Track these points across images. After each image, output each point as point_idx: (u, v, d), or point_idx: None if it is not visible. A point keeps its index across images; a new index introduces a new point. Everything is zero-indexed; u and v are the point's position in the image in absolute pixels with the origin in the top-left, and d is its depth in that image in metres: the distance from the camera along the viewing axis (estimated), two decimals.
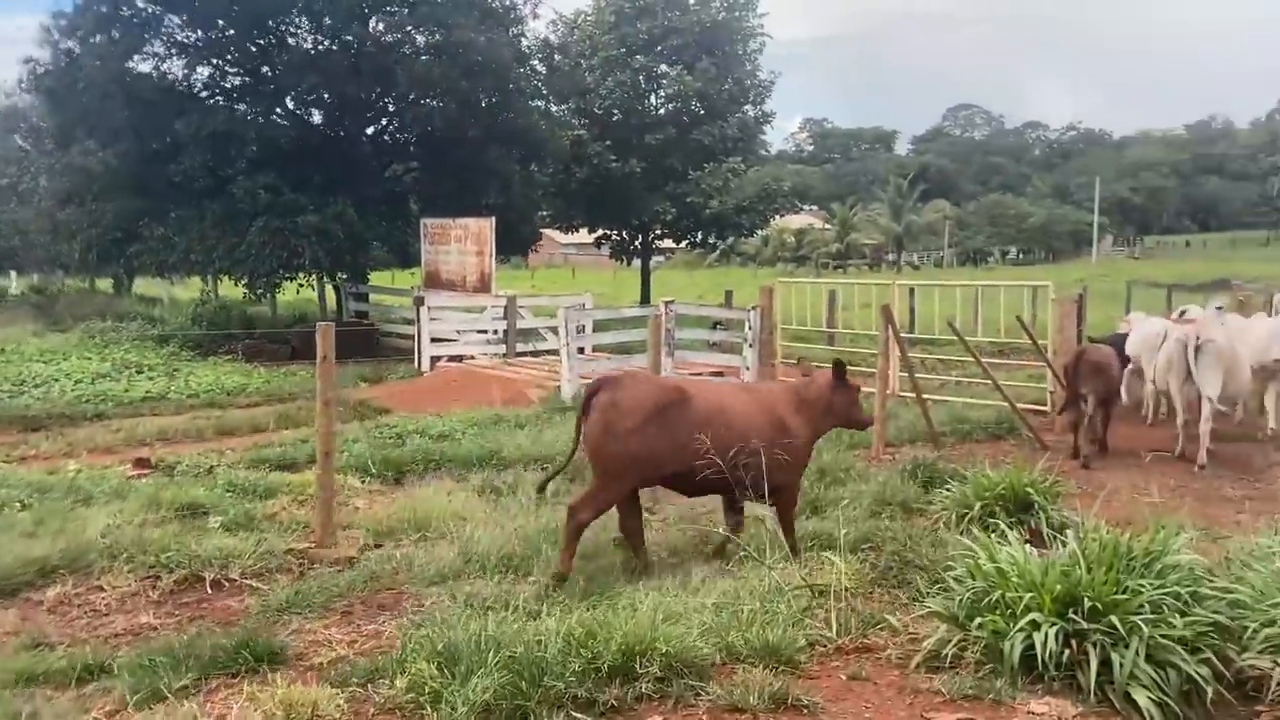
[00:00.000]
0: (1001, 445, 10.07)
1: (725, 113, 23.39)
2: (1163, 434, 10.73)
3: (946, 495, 7.14)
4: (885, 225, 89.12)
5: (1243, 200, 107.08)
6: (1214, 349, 9.69)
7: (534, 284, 57.55)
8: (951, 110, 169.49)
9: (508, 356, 15.63)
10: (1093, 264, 69.95)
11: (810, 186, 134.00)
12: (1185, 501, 7.71)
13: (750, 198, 24.58)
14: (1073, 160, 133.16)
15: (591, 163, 22.46)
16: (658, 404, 5.84)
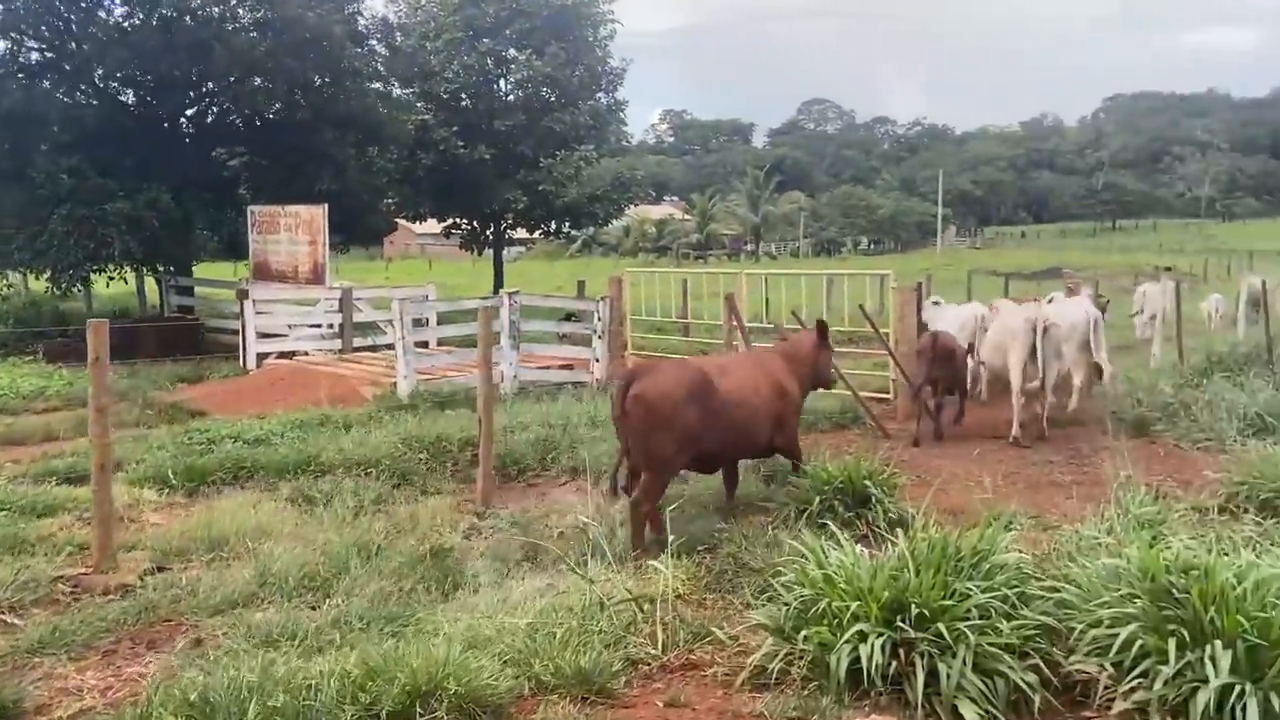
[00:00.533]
0: (846, 435, 9.99)
1: (577, 100, 22.90)
2: (997, 417, 10.91)
3: (787, 490, 6.91)
4: (743, 216, 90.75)
5: (1071, 194, 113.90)
6: (1057, 332, 10.15)
7: (388, 276, 55.67)
8: (806, 104, 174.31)
9: (344, 352, 14.74)
10: (938, 254, 72.98)
11: (671, 177, 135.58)
12: (1017, 489, 7.73)
13: (604, 187, 24.19)
14: (918, 154, 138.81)
15: (438, 149, 21.57)
16: (690, 388, 6.20)
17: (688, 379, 6.27)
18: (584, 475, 8.44)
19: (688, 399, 6.15)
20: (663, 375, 6.29)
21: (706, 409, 6.22)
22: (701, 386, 6.26)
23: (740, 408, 6.46)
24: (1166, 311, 14.62)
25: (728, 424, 6.36)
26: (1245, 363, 11.61)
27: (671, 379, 6.25)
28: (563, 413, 10.20)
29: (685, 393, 6.17)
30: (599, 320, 13.60)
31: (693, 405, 6.16)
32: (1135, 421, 10.04)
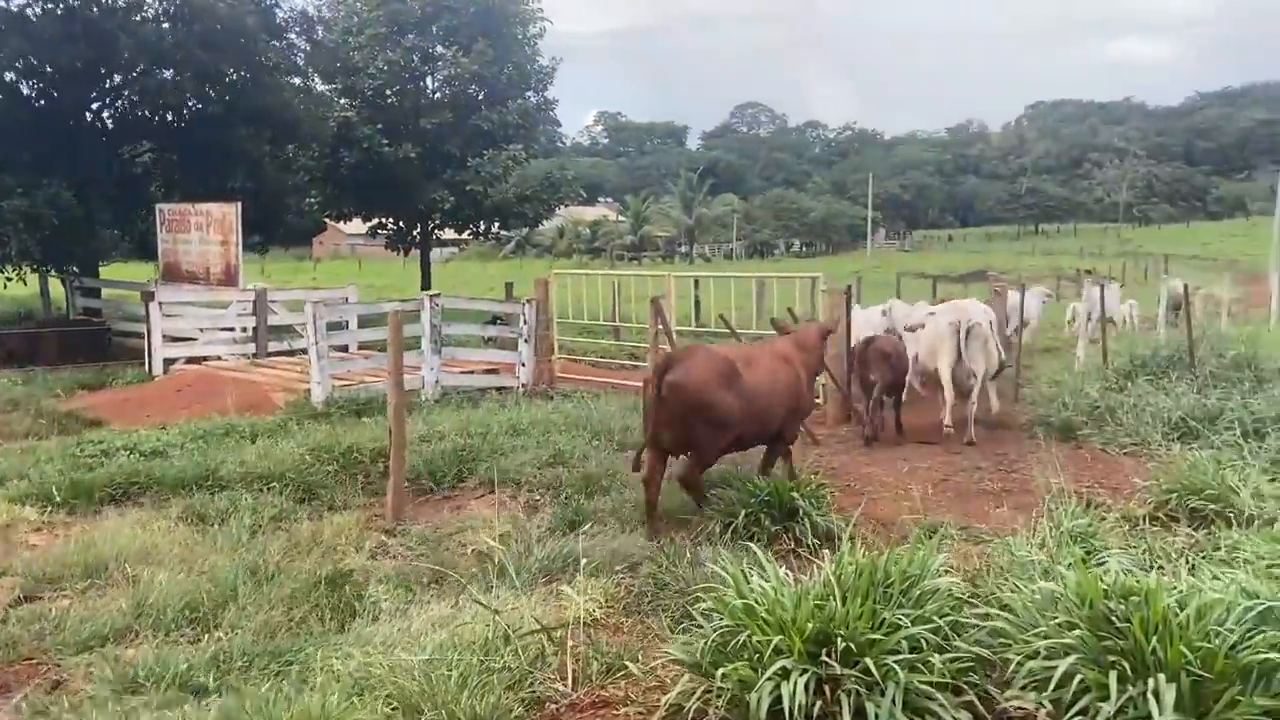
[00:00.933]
0: None
1: (505, 98, 22.39)
2: (927, 422, 10.81)
3: (713, 503, 6.63)
4: (677, 218, 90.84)
5: (996, 198, 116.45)
6: (981, 332, 10.14)
7: (315, 277, 54.30)
8: (739, 108, 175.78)
9: (258, 357, 14.08)
10: (868, 256, 73.94)
11: (605, 179, 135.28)
12: (946, 498, 7.57)
13: (534, 187, 23.72)
14: (849, 159, 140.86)
15: (361, 147, 20.88)
16: (722, 375, 6.53)
17: (720, 366, 6.58)
18: (503, 487, 8.10)
19: (720, 385, 6.49)
20: (698, 362, 6.55)
21: (736, 395, 6.56)
22: (732, 373, 6.60)
23: (762, 396, 6.82)
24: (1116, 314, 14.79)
25: (753, 410, 6.72)
26: (1168, 366, 11.68)
27: (706, 366, 6.54)
28: (484, 420, 9.79)
29: (718, 379, 6.50)
30: (524, 323, 13.20)
31: (725, 391, 6.50)
32: (1062, 426, 10.00)
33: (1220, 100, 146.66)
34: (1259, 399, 9.40)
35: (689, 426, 6.47)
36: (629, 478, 7.86)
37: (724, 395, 6.49)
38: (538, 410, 10.92)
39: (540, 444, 8.87)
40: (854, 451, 9.45)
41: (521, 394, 12.93)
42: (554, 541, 6.29)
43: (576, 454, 8.50)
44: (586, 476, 7.74)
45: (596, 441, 9.45)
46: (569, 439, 9.14)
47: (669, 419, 6.44)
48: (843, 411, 10.75)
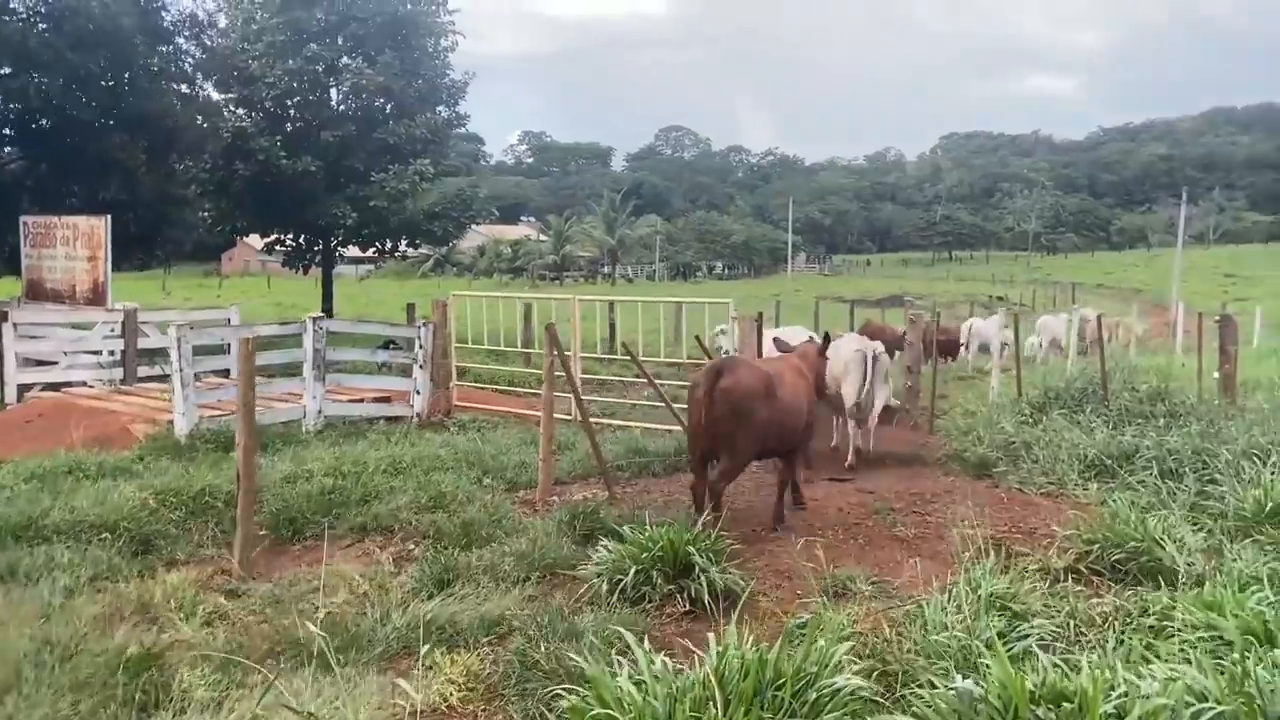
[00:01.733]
0: (680, 480, 9.12)
1: (414, 112, 21.50)
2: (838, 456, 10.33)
3: (600, 557, 5.94)
4: (599, 238, 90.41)
5: (912, 225, 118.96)
6: (885, 360, 9.88)
7: (219, 295, 52.27)
8: (664, 130, 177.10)
9: (127, 383, 12.93)
10: (788, 280, 74.42)
11: (529, 198, 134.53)
12: (856, 544, 7.01)
13: (444, 204, 22.84)
14: (771, 183, 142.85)
15: (258, 159, 19.76)
16: (765, 386, 7.01)
17: (762, 378, 7.06)
18: (374, 535, 7.30)
19: (763, 395, 6.96)
20: (745, 372, 7.02)
21: (772, 407, 7.03)
22: (770, 385, 7.06)
23: (791, 409, 7.33)
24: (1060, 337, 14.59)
25: (784, 422, 7.23)
26: (1081, 398, 11.44)
27: (751, 375, 7.02)
28: (362, 456, 8.94)
29: (762, 389, 6.97)
30: (420, 348, 12.37)
31: (765, 402, 6.97)
32: (978, 462, 9.61)
33: (1122, 135, 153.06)
34: (1174, 436, 9.12)
35: (733, 432, 6.86)
36: (514, 524, 7.15)
37: (765, 404, 6.95)
38: (427, 444, 10.12)
39: (421, 484, 8.07)
40: (763, 489, 8.86)
41: (414, 425, 12.09)
42: (418, 605, 5.55)
43: (459, 496, 7.74)
44: (467, 524, 6.98)
45: (485, 481, 8.72)
46: (454, 478, 8.38)
47: (716, 424, 6.84)
48: None
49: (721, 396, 6.81)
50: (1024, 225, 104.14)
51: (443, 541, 6.81)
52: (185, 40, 17.96)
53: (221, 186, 20.72)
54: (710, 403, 6.81)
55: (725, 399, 6.81)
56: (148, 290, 54.59)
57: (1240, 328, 12.95)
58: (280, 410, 11.17)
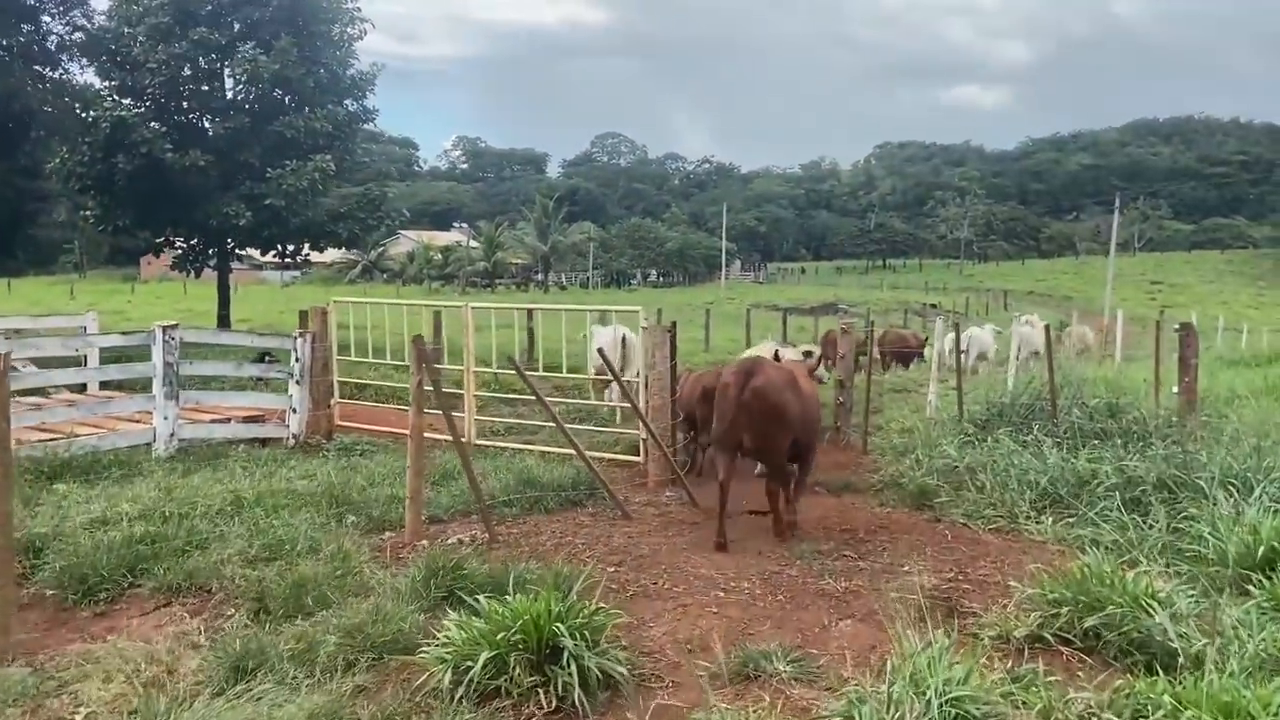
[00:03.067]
0: (576, 516, 7.87)
1: (314, 104, 19.92)
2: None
3: (447, 635, 4.63)
4: (532, 245, 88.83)
5: (846, 233, 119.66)
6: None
7: (130, 300, 49.55)
8: (600, 137, 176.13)
9: None
10: (722, 287, 73.74)
11: (462, 204, 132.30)
12: (777, 602, 5.81)
13: (350, 205, 21.27)
14: (707, 191, 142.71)
15: (140, 151, 18.02)
16: (791, 382, 7.21)
17: (788, 376, 7.26)
18: (187, 596, 5.90)
19: (791, 392, 7.14)
20: (775, 371, 7.18)
21: (801, 402, 7.25)
22: (795, 384, 7.28)
23: (812, 406, 7.56)
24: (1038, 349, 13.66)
25: (806, 418, 7.37)
26: (1028, 415, 10.46)
27: (780, 374, 7.18)
28: (196, 492, 7.51)
29: (789, 387, 7.15)
30: (296, 360, 10.92)
31: (795, 397, 7.17)
32: (916, 491, 8.52)
33: (1051, 146, 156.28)
34: (1135, 460, 8.13)
35: (766, 429, 6.98)
36: (362, 581, 5.81)
37: (796, 400, 7.15)
38: (290, 472, 8.71)
39: (260, 528, 6.70)
40: (673, 527, 7.64)
41: (290, 447, 10.66)
42: (205, 704, 4.21)
43: (301, 544, 6.37)
44: (299, 583, 5.62)
45: (349, 519, 7.37)
46: (305, 519, 7.01)
47: (749, 422, 6.93)
48: (666, 471, 8.97)
49: (754, 396, 6.89)
50: (956, 233, 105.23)
51: (266, 606, 5.46)
52: (52, 19, 16.21)
53: (101, 182, 18.91)
54: (744, 403, 6.89)
55: (759, 397, 6.90)
56: (54, 296, 51.58)
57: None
58: (125, 433, 9.64)
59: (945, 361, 14.55)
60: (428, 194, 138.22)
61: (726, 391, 7.10)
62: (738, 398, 6.95)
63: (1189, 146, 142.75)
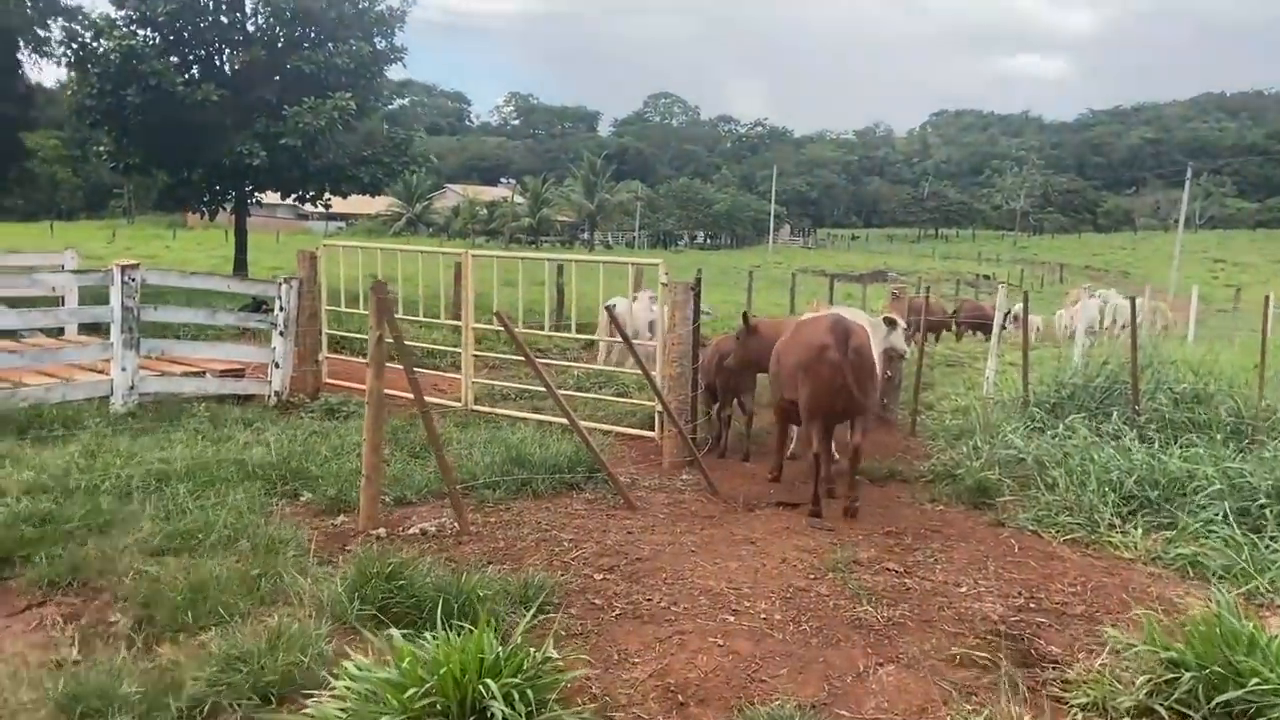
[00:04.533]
0: (570, 502, 6.66)
1: (337, 39, 18.72)
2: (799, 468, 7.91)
3: (344, 686, 3.45)
4: (578, 202, 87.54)
5: (899, 200, 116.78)
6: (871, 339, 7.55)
7: (169, 246, 49.09)
8: (653, 97, 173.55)
9: None
10: (769, 251, 71.94)
11: (511, 160, 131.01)
12: (800, 633, 4.56)
13: (374, 148, 20.11)
14: (759, 154, 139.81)
15: (149, 83, 17.00)
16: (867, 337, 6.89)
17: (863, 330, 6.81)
18: (67, 593, 4.82)
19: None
20: (857, 327, 6.70)
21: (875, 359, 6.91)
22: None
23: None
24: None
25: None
26: (1103, 399, 9.05)
27: (861, 330, 6.75)
28: (116, 461, 6.42)
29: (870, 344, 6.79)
30: (281, 310, 9.82)
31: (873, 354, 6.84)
32: (975, 487, 7.19)
33: (1112, 118, 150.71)
34: (1239, 460, 6.74)
35: (866, 388, 6.57)
36: (279, 586, 4.67)
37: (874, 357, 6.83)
38: (250, 435, 7.62)
39: (179, 508, 5.59)
40: (683, 522, 6.40)
41: (273, 405, 9.59)
42: None
43: (219, 531, 5.24)
44: (199, 586, 4.49)
45: (301, 498, 6.26)
46: (243, 497, 5.89)
47: (850, 385, 6.43)
48: (683, 451, 7.73)
49: (856, 355, 6.47)
50: (1012, 203, 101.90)
51: (152, 615, 4.35)
52: None
53: (111, 116, 17.94)
54: (850, 364, 6.42)
55: (859, 356, 6.51)
56: (97, 240, 51.22)
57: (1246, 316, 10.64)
58: (78, 384, 8.60)
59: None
60: (477, 149, 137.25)
61: (824, 354, 6.49)
62: (842, 359, 6.41)
63: (1256, 122, 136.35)
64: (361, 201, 73.72)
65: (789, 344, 7.03)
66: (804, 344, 6.70)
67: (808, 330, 6.86)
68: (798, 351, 6.88)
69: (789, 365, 6.90)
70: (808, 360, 6.64)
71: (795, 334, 7.04)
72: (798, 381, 6.71)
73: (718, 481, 7.35)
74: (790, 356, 6.91)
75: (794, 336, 7.02)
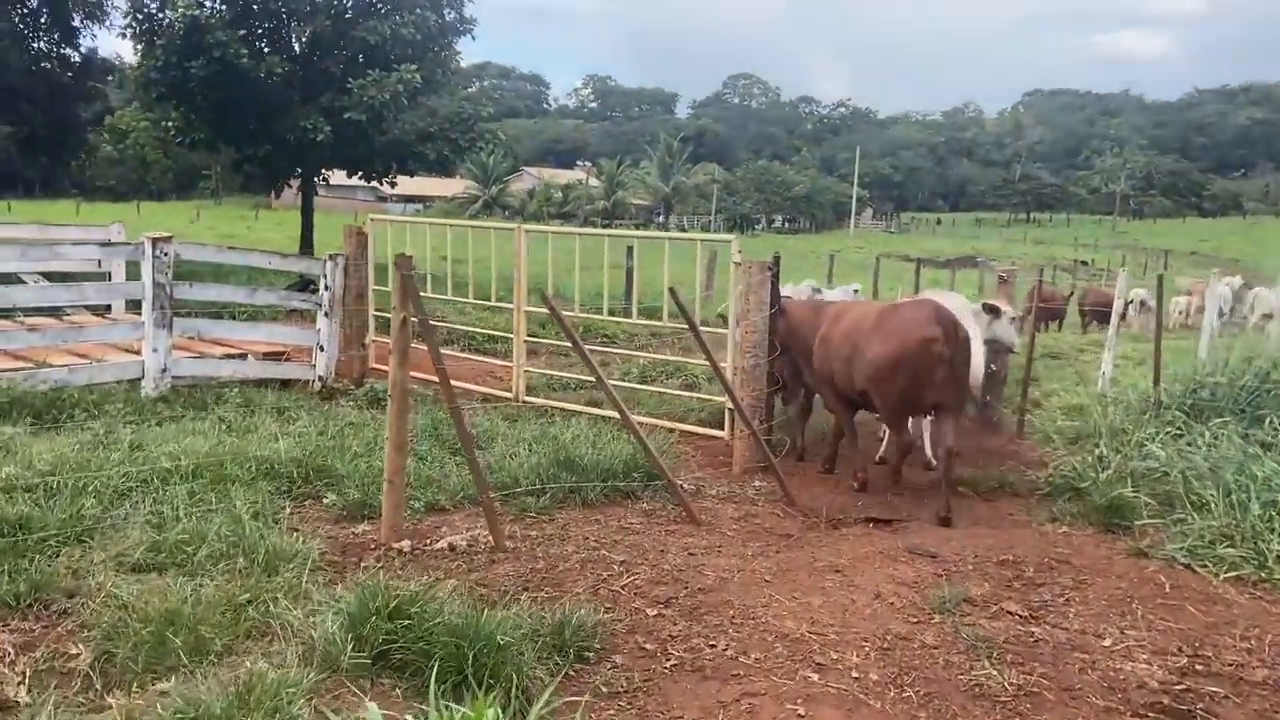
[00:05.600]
0: (625, 513, 5.76)
1: (404, 7, 18.06)
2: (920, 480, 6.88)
3: None
4: (654, 185, 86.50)
5: (988, 183, 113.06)
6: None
7: (250, 227, 49.66)
8: (732, 78, 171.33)
9: None
10: (850, 236, 69.95)
11: (587, 143, 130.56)
12: (899, 696, 3.58)
13: (440, 123, 19.45)
14: (841, 136, 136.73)
15: (213, 55, 16.58)
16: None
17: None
18: (30, 611, 4.10)
19: None
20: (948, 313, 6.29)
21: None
22: None
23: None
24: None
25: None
26: (1252, 402, 7.78)
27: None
28: (114, 455, 5.74)
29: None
30: (326, 289, 9.14)
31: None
32: (1107, 508, 6.06)
33: (1218, 98, 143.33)
34: None
35: (965, 379, 6.25)
36: (266, 619, 3.88)
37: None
38: (280, 426, 6.92)
39: (173, 512, 4.87)
40: (756, 541, 5.46)
41: (318, 390, 8.94)
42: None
43: (210, 545, 4.48)
44: (170, 616, 3.72)
45: (326, 500, 5.52)
46: (253, 498, 5.16)
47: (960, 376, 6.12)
48: (756, 455, 6.77)
49: (963, 345, 6.13)
50: (1112, 185, 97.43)
51: (117, 650, 3.60)
52: None
53: (176, 89, 17.60)
54: (955, 354, 6.02)
55: (965, 347, 6.18)
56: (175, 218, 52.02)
57: None
58: (105, 366, 8.02)
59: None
60: (554, 132, 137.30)
61: (931, 346, 5.96)
62: (948, 350, 5.97)
63: None
64: (438, 183, 73.81)
65: (874, 332, 6.20)
66: (898, 333, 6.06)
67: (904, 317, 6.16)
68: (889, 341, 6.03)
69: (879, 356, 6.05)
70: (908, 352, 5.95)
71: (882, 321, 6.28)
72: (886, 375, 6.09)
73: (795, 490, 6.38)
74: (880, 346, 6.06)
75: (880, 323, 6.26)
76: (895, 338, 6.11)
